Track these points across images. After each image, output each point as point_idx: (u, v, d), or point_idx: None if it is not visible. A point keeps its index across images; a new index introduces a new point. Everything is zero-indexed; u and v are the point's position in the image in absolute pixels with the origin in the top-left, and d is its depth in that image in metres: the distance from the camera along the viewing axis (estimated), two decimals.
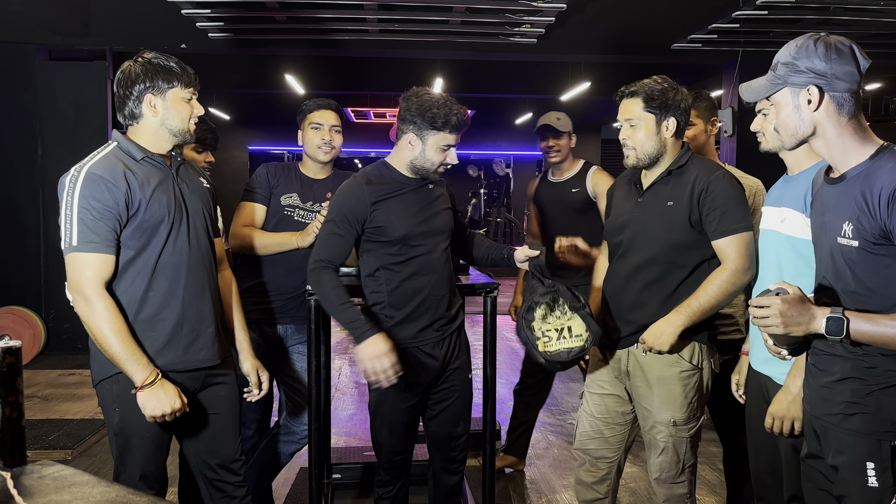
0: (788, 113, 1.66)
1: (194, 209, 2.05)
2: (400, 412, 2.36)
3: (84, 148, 2.02)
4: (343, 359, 6.20)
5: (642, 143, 2.19)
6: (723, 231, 2.13)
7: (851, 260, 1.59)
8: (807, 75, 1.61)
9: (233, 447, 2.16)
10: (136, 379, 1.90)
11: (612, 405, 2.35)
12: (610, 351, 2.34)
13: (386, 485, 2.46)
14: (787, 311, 1.57)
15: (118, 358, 1.89)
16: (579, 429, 2.42)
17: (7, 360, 1.25)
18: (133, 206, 1.92)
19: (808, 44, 1.62)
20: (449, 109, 2.26)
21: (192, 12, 5.11)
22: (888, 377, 1.58)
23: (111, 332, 1.88)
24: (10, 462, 1.26)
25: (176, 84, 1.97)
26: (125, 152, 1.98)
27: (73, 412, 4.45)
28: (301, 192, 2.76)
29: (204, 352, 2.05)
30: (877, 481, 1.58)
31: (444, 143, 2.30)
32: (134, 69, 1.96)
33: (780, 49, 1.69)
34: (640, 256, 2.23)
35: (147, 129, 1.99)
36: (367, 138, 13.26)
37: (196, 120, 2.04)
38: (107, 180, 1.88)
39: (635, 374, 2.26)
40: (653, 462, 2.28)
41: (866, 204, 1.55)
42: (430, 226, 2.33)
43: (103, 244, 1.89)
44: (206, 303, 2.06)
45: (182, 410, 1.96)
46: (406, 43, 6.09)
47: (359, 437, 4.21)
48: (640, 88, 2.19)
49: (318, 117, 2.75)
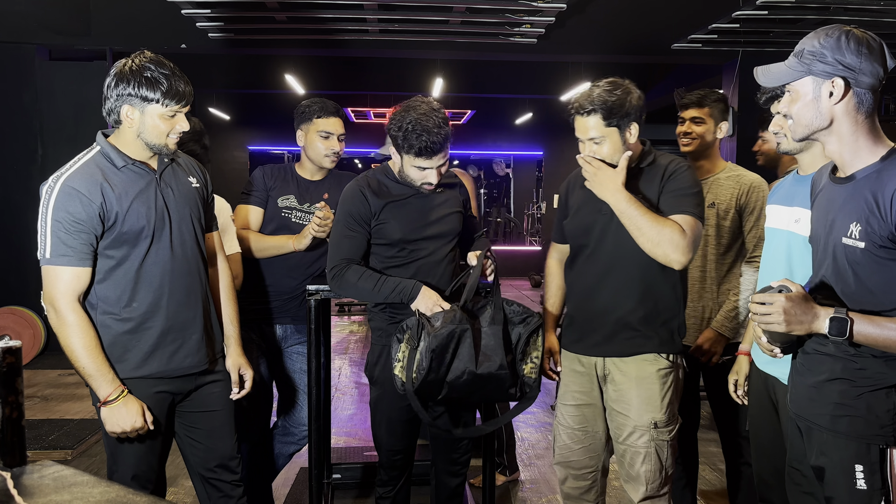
0: (807, 103, 1.62)
1: (179, 215, 2.02)
2: (399, 410, 2.35)
3: (84, 148, 2.01)
4: (343, 359, 6.20)
5: (611, 157, 2.11)
6: (677, 209, 2.07)
7: (855, 261, 1.58)
8: (834, 67, 1.57)
9: (229, 444, 2.17)
10: (100, 394, 1.91)
11: (589, 415, 2.27)
12: (583, 357, 2.25)
13: (386, 484, 2.46)
14: (791, 308, 1.55)
15: (84, 372, 1.91)
16: (558, 442, 2.32)
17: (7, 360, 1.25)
18: (109, 219, 1.89)
19: (839, 35, 1.58)
20: (417, 134, 2.16)
21: (192, 12, 5.11)
22: (878, 379, 1.57)
23: (80, 346, 1.89)
24: (10, 462, 1.26)
25: (158, 100, 1.88)
26: (106, 159, 1.94)
27: (73, 412, 4.45)
28: (298, 194, 2.74)
29: (189, 358, 2.04)
30: (865, 484, 1.58)
31: (415, 165, 2.23)
32: (122, 72, 1.89)
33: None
34: (612, 256, 2.15)
35: (126, 136, 1.95)
36: (368, 138, 13.25)
37: (178, 136, 1.97)
38: (81, 194, 1.85)
39: (615, 378, 2.18)
40: (636, 473, 2.16)
41: (877, 206, 1.53)
42: (431, 230, 2.31)
43: (76, 257, 1.87)
44: (191, 309, 2.04)
45: (145, 429, 1.95)
46: (406, 43, 6.09)
47: (359, 437, 4.21)
48: (597, 104, 2.06)
49: (327, 126, 2.70)
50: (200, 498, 2.21)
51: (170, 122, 1.93)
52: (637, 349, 2.15)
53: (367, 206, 2.27)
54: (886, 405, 1.57)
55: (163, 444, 2.09)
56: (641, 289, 2.14)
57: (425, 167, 2.23)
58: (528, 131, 12.55)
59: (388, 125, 2.25)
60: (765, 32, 5.58)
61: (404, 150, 2.22)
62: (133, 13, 5.72)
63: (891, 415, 1.57)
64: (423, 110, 2.19)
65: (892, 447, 1.58)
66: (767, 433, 2.08)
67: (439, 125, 2.17)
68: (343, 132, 2.75)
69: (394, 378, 2.19)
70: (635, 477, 2.17)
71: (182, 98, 1.92)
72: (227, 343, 2.21)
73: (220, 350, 2.18)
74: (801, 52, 1.62)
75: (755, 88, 2.06)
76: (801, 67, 1.61)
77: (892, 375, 1.57)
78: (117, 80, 1.89)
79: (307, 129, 2.72)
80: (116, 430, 1.92)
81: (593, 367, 2.23)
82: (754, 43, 5.88)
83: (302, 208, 2.74)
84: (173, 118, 1.93)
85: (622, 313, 2.15)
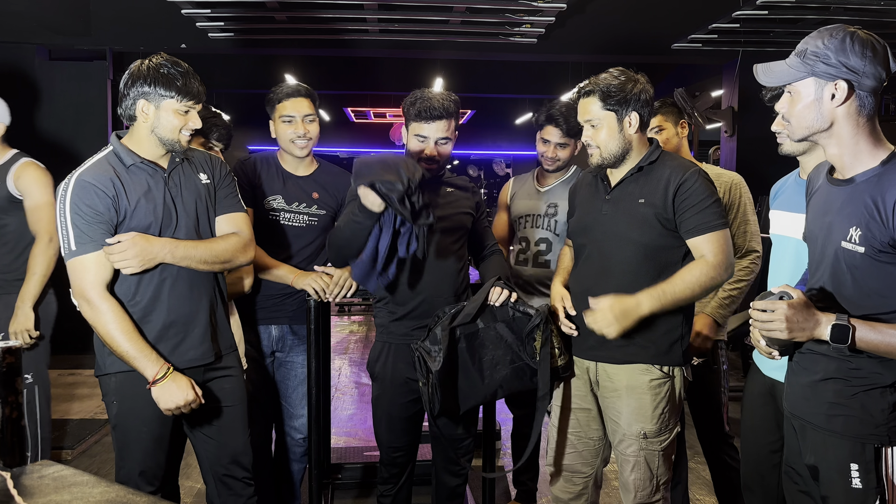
0: (808, 104, 1.60)
1: (188, 211, 2.06)
2: (399, 407, 2.35)
3: (84, 148, 2.04)
4: (343, 359, 6.20)
5: (605, 143, 2.09)
6: (701, 229, 2.03)
7: (854, 265, 1.57)
8: (837, 69, 1.55)
9: (241, 440, 2.19)
10: (147, 374, 1.95)
11: (583, 419, 2.25)
12: (578, 360, 2.22)
13: (387, 482, 2.46)
14: (793, 316, 1.54)
15: (128, 356, 1.94)
16: (550, 444, 2.32)
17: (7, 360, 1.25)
18: (120, 213, 1.95)
19: (844, 36, 1.55)
20: (421, 101, 2.28)
21: (192, 12, 5.11)
22: (873, 379, 1.57)
23: (118, 333, 1.93)
24: (10, 462, 1.27)
25: (173, 95, 1.96)
26: (117, 157, 2.01)
27: (73, 412, 4.45)
28: (285, 193, 2.60)
29: (192, 351, 2.07)
30: (860, 483, 1.58)
31: (415, 133, 2.32)
32: (139, 70, 1.98)
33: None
34: (608, 259, 2.12)
35: (140, 133, 2.01)
36: (368, 138, 13.27)
37: (190, 132, 2.03)
38: (95, 186, 1.92)
39: (604, 385, 2.16)
40: (626, 481, 2.15)
41: (878, 211, 1.53)
42: (439, 223, 2.29)
43: (99, 244, 1.92)
44: (194, 303, 2.07)
45: (197, 401, 2.00)
46: (406, 43, 6.09)
47: (359, 437, 4.21)
48: (596, 86, 2.07)
49: (288, 108, 2.55)
50: (210, 496, 2.21)
51: (183, 118, 2.00)
52: (629, 357, 2.11)
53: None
54: (881, 404, 1.57)
55: (171, 442, 2.10)
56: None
57: (424, 135, 2.30)
58: (528, 131, 12.51)
59: (402, 104, 2.36)
60: (765, 32, 5.58)
61: (409, 119, 2.31)
62: (133, 13, 5.72)
63: (885, 414, 1.57)
64: (436, 90, 2.32)
65: (887, 446, 1.58)
66: (756, 439, 2.08)
67: (443, 98, 2.30)
68: (310, 113, 2.57)
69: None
70: (625, 484, 2.16)
71: (196, 96, 2.00)
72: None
73: (229, 345, 2.19)
74: (804, 51, 1.59)
75: (755, 88, 2.04)
76: (804, 68, 1.58)
77: (887, 375, 1.57)
78: (134, 77, 1.97)
79: (274, 116, 2.61)
80: (171, 405, 1.96)
81: (585, 371, 2.21)
82: (754, 43, 5.87)
83: (291, 208, 2.60)
84: (187, 114, 2.00)
85: None
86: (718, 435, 2.69)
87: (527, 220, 2.94)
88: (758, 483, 2.14)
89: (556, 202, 2.87)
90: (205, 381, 2.10)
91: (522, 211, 2.96)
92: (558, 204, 2.85)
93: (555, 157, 2.83)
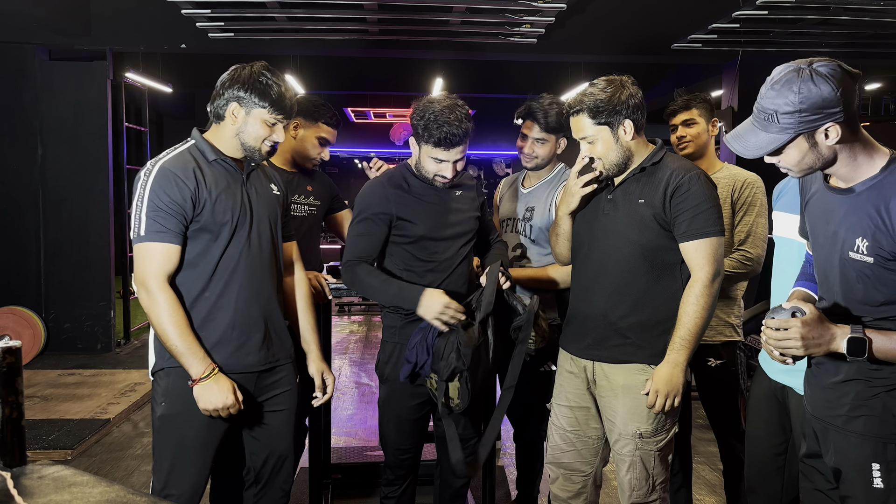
0: (805, 154, 1.56)
1: (260, 215, 2.07)
2: (408, 409, 2.36)
3: (84, 148, 2.03)
4: (343, 359, 6.20)
5: (605, 155, 2.07)
6: (692, 234, 2.00)
7: (865, 275, 1.57)
8: (819, 116, 1.50)
9: (287, 444, 2.17)
10: (192, 372, 1.95)
11: (581, 418, 2.23)
12: (576, 359, 2.22)
13: (392, 484, 2.46)
14: (808, 333, 1.54)
15: (176, 351, 1.94)
16: (550, 442, 2.30)
17: (7, 360, 1.25)
18: (199, 205, 1.96)
19: (807, 86, 1.49)
20: (438, 125, 2.18)
21: (192, 12, 5.11)
22: (893, 379, 1.57)
23: (170, 326, 1.93)
24: (10, 462, 1.26)
25: (266, 106, 1.98)
26: (200, 151, 2.02)
27: (73, 412, 4.44)
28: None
29: (251, 356, 2.06)
30: (882, 483, 1.58)
31: (432, 156, 2.25)
32: (239, 74, 2.00)
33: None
34: (607, 258, 2.11)
35: (225, 133, 2.03)
36: (368, 138, 13.26)
37: (272, 144, 2.04)
38: (177, 176, 1.93)
39: (601, 384, 2.15)
40: (621, 480, 2.14)
41: (882, 221, 1.52)
42: (452, 229, 2.31)
43: (170, 234, 1.93)
44: (258, 308, 2.06)
45: (236, 407, 1.98)
46: (406, 43, 6.09)
47: (359, 437, 4.21)
48: (583, 104, 2.04)
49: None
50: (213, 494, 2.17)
51: (269, 129, 2.02)
52: (626, 357, 2.10)
53: (388, 202, 2.28)
54: None
55: (214, 455, 2.07)
56: (634, 296, 2.08)
57: (442, 159, 2.25)
58: None
59: (411, 115, 2.28)
60: (765, 32, 5.58)
61: (423, 140, 2.24)
62: (133, 13, 5.72)
63: None
64: (447, 104, 2.23)
65: None
66: (761, 441, 2.08)
67: (461, 119, 2.21)
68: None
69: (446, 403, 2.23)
70: (621, 484, 2.16)
71: (286, 112, 2.02)
72: (307, 349, 2.24)
73: (287, 355, 2.17)
74: (774, 114, 1.52)
75: (755, 89, 2.04)
76: (788, 131, 1.53)
77: None
78: (233, 80, 2.00)
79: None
80: (209, 407, 1.95)
81: (583, 369, 2.21)
82: (754, 43, 5.88)
83: (295, 200, 2.66)
84: (273, 126, 2.02)
85: (613, 318, 2.10)
86: (736, 435, 2.68)
87: (507, 224, 2.82)
88: (762, 486, 2.13)
89: (533, 205, 2.72)
90: (258, 387, 2.08)
91: (505, 214, 2.85)
92: (535, 207, 2.71)
93: (532, 153, 2.69)
